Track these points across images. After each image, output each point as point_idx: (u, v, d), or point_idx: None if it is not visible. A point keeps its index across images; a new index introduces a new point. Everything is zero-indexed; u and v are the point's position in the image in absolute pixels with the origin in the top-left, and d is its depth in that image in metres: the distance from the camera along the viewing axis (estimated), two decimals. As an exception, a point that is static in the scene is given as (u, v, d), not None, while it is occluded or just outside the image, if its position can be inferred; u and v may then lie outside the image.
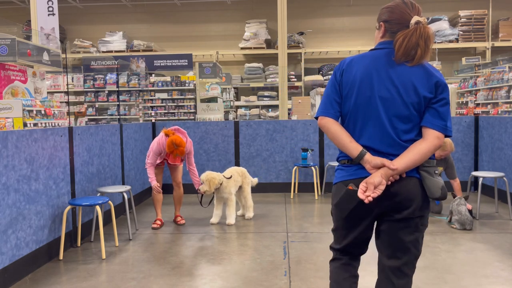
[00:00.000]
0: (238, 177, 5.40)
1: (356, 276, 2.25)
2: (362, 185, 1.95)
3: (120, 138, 5.83)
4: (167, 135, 5.01)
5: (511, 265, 3.78)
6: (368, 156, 2.00)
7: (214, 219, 5.31)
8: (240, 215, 5.65)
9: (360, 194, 1.93)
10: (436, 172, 2.05)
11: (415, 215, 2.02)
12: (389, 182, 1.96)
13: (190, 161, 5.23)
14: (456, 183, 5.34)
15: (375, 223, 2.17)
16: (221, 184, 5.17)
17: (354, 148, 2.03)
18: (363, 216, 2.08)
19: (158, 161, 5.13)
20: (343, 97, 2.11)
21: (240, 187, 5.47)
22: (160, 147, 5.03)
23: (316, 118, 2.16)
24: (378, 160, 1.98)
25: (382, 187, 1.93)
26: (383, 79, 2.02)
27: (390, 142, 2.02)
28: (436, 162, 5.29)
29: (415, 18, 2.02)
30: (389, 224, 2.07)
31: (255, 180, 5.69)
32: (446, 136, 2.04)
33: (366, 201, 1.91)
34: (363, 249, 2.25)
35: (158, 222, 5.22)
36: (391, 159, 1.98)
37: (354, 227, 2.13)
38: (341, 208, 2.10)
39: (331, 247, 2.31)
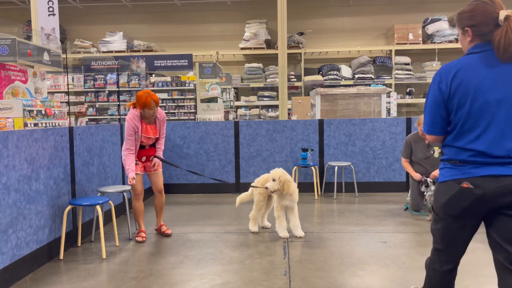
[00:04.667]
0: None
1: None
2: None
3: (121, 138, 5.84)
4: (134, 105, 4.61)
5: (510, 265, 3.78)
6: None
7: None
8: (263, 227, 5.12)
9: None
10: None
11: None
12: None
13: (161, 132, 4.92)
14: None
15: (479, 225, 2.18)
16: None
17: None
18: (474, 213, 2.09)
19: (134, 145, 4.57)
20: (456, 105, 2.07)
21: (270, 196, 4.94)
22: (132, 120, 4.50)
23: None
24: None
25: None
26: (495, 82, 2.00)
27: (507, 147, 1.99)
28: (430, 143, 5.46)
29: (502, 14, 1.98)
30: (503, 219, 2.04)
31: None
32: None
33: None
34: (464, 251, 2.25)
35: (143, 234, 4.72)
36: (508, 161, 1.98)
37: (463, 227, 2.13)
38: (453, 205, 2.10)
39: (431, 264, 2.34)
